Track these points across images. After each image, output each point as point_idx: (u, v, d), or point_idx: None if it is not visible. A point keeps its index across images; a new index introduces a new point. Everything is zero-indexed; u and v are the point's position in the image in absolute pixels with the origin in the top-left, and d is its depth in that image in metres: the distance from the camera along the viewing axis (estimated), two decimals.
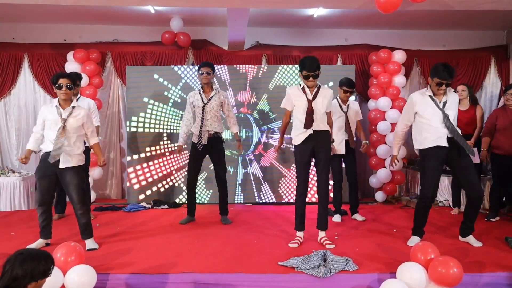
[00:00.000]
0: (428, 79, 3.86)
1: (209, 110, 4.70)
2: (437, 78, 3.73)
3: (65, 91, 3.71)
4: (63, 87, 3.70)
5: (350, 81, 4.89)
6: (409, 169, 6.44)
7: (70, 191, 3.80)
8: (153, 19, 6.05)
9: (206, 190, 6.08)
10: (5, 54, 6.37)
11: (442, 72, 3.69)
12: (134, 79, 6.06)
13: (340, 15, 5.91)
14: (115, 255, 3.63)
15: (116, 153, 6.60)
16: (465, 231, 4.01)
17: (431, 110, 3.80)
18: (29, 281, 2.16)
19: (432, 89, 3.84)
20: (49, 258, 2.29)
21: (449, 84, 3.77)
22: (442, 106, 3.79)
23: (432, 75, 3.78)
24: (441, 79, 3.71)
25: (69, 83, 3.73)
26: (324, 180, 3.94)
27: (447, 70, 3.70)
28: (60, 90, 3.72)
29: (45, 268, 2.22)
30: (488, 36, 6.78)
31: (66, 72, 3.89)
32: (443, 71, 3.69)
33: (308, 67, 3.79)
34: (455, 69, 4.74)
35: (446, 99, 3.81)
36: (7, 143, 6.56)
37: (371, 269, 3.27)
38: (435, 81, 3.75)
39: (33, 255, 2.23)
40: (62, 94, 3.72)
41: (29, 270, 2.15)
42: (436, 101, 3.81)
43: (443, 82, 3.72)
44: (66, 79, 3.72)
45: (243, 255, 3.63)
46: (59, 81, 3.70)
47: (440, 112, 3.78)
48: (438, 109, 3.78)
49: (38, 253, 2.27)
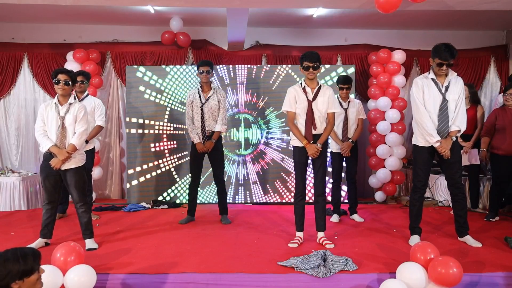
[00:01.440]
0: (430, 60, 3.81)
1: (208, 110, 4.70)
2: (438, 59, 3.68)
3: (62, 86, 3.72)
4: (60, 82, 3.72)
5: (345, 77, 4.91)
6: (409, 169, 6.44)
7: (72, 190, 3.83)
8: (153, 19, 6.05)
9: (206, 190, 6.08)
10: (4, 54, 6.37)
11: (443, 52, 3.64)
12: (134, 79, 6.06)
13: (340, 15, 5.91)
14: (115, 255, 3.63)
15: (115, 153, 6.60)
16: (460, 231, 4.01)
17: (432, 94, 3.77)
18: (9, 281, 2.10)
19: (434, 70, 3.80)
20: (28, 256, 2.17)
21: (451, 65, 3.71)
22: (444, 90, 3.76)
23: (433, 55, 3.73)
24: (441, 59, 3.66)
25: (67, 79, 3.73)
26: (321, 180, 3.94)
27: (448, 49, 3.64)
28: (57, 85, 3.74)
29: (25, 268, 2.13)
30: (487, 36, 6.79)
31: (67, 69, 3.85)
32: (444, 51, 3.64)
33: (308, 58, 3.80)
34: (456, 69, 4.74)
35: (448, 83, 3.78)
36: (7, 143, 6.56)
37: (371, 269, 3.27)
38: (436, 62, 3.70)
39: (10, 255, 2.14)
40: (59, 89, 3.74)
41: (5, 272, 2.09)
42: (438, 84, 3.78)
43: (444, 62, 3.67)
44: (64, 75, 3.73)
45: (243, 255, 3.63)
46: (58, 76, 3.73)
47: (440, 97, 3.75)
48: (439, 93, 3.75)
49: (16, 253, 2.17)
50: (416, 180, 3.99)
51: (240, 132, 6.12)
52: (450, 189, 4.01)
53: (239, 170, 6.12)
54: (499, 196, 5.00)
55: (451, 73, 3.82)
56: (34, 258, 2.22)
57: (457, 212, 3.99)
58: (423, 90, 3.80)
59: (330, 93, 3.92)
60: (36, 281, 2.21)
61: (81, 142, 3.81)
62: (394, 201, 6.25)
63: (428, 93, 3.78)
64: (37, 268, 2.22)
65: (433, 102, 3.77)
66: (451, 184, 3.96)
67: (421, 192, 3.99)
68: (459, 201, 3.96)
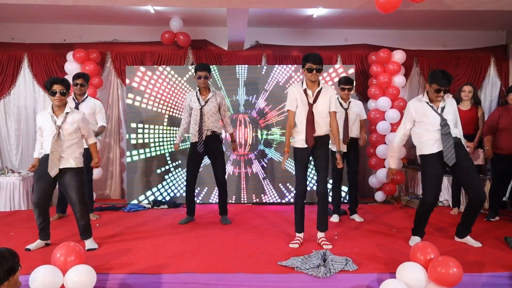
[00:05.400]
0: (426, 86, 3.86)
1: (206, 112, 4.70)
2: (436, 85, 3.71)
3: (58, 97, 3.63)
4: (56, 93, 3.61)
5: (346, 78, 4.91)
6: (409, 169, 6.44)
7: (69, 192, 3.76)
8: (153, 19, 6.05)
9: (205, 190, 6.08)
10: (4, 54, 6.36)
11: (441, 79, 3.68)
12: (134, 79, 6.06)
13: (340, 15, 5.91)
14: (115, 255, 3.63)
15: (115, 153, 6.60)
16: (462, 232, 4.01)
17: (429, 116, 3.79)
18: None
19: (429, 96, 3.83)
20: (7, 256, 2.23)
21: (447, 91, 3.76)
22: (440, 111, 3.79)
23: (431, 81, 3.77)
24: (440, 85, 3.70)
25: (62, 89, 3.63)
26: (323, 180, 3.94)
27: (445, 76, 3.69)
28: (53, 97, 3.63)
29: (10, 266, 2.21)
30: (487, 36, 6.78)
31: (60, 78, 3.74)
32: (441, 77, 3.68)
33: (312, 59, 3.78)
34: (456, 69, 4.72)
35: (444, 105, 3.82)
36: (7, 143, 6.55)
37: (371, 269, 3.27)
38: (434, 88, 3.74)
39: None
40: (56, 100, 3.64)
41: None
42: (433, 107, 3.81)
43: (442, 88, 3.71)
44: (59, 85, 3.62)
45: (243, 255, 3.63)
46: (53, 87, 3.61)
47: (438, 117, 3.78)
48: (437, 114, 3.78)
49: None
50: (425, 194, 3.87)
51: (240, 132, 6.12)
52: (471, 197, 3.86)
53: (239, 170, 6.12)
54: (500, 196, 5.00)
55: (447, 95, 3.87)
56: (13, 256, 2.28)
57: (468, 217, 3.92)
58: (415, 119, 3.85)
59: (332, 93, 3.92)
60: (17, 279, 2.29)
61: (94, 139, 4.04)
62: (394, 201, 6.25)
63: (426, 116, 3.80)
64: (18, 266, 2.29)
65: (431, 123, 3.78)
66: (470, 192, 3.84)
67: (432, 206, 3.90)
68: (475, 210, 3.84)
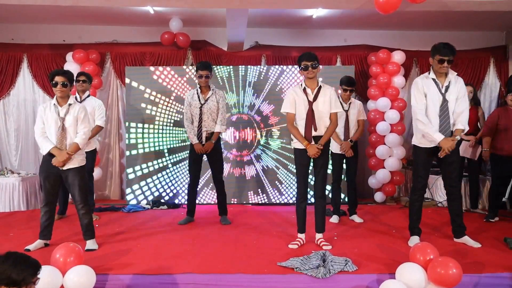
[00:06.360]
0: (430, 60, 3.82)
1: (206, 111, 4.70)
2: (439, 55, 3.70)
3: (60, 88, 3.71)
4: (58, 84, 3.71)
5: (349, 79, 4.89)
6: (409, 169, 6.44)
7: (73, 191, 3.82)
8: (152, 19, 6.05)
9: (205, 190, 6.07)
10: (4, 55, 6.36)
11: (443, 49, 3.67)
12: (133, 79, 6.06)
13: (339, 16, 5.92)
14: (115, 256, 3.63)
15: (115, 154, 6.59)
16: (457, 231, 4.01)
17: (432, 94, 3.77)
18: None
19: (434, 69, 3.80)
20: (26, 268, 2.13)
21: (451, 61, 3.71)
22: (444, 90, 3.77)
23: (433, 53, 3.75)
24: (442, 55, 3.68)
25: (64, 81, 3.71)
26: (321, 182, 3.94)
27: (448, 47, 3.68)
28: (55, 88, 3.74)
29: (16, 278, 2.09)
30: (487, 37, 6.79)
31: (63, 70, 3.85)
32: (443, 47, 3.68)
33: (305, 57, 3.80)
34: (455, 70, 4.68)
35: (448, 83, 3.78)
36: (6, 143, 6.55)
37: (370, 270, 3.27)
38: (437, 59, 3.71)
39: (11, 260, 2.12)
40: (57, 91, 3.73)
41: None
42: (438, 84, 3.78)
43: (445, 58, 3.68)
44: (61, 77, 3.72)
45: (243, 255, 3.63)
46: (55, 78, 3.71)
47: (440, 97, 3.75)
48: (440, 93, 3.76)
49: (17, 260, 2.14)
50: (416, 181, 4.00)
51: (239, 133, 6.12)
52: (446, 188, 4.04)
53: (239, 170, 6.12)
54: (499, 197, 4.99)
55: (451, 72, 3.82)
56: (33, 271, 2.16)
57: (453, 212, 3.99)
58: (424, 92, 3.80)
59: (331, 92, 3.90)
60: None
61: (84, 142, 3.83)
62: (394, 201, 6.25)
63: (429, 93, 3.78)
64: (30, 281, 2.14)
65: (433, 102, 3.77)
66: (447, 183, 3.98)
67: (421, 193, 4.01)
68: (455, 200, 3.97)
